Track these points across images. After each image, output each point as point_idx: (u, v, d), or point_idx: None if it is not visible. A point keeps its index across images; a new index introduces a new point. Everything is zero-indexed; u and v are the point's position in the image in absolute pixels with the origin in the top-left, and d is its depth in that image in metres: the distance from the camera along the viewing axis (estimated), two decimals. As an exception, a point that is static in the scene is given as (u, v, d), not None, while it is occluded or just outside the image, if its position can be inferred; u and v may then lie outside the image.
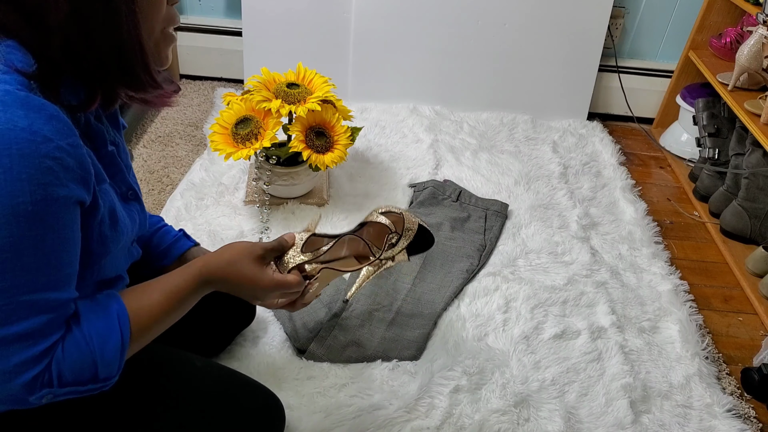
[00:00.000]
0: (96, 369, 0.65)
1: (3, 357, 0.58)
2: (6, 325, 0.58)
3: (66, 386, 0.63)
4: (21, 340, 0.59)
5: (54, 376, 0.62)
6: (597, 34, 2.11)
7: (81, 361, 0.64)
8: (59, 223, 0.61)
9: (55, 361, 0.62)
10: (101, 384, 0.66)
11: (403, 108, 2.15)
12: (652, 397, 1.24)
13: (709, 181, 1.86)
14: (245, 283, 0.80)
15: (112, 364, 0.66)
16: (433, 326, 1.34)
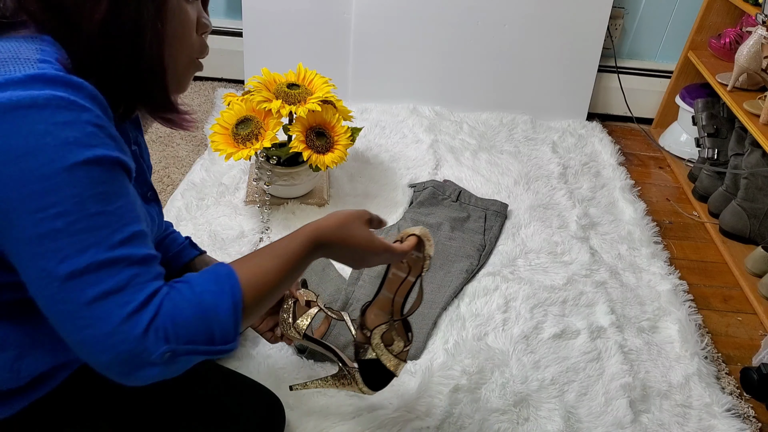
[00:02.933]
0: (212, 330, 0.62)
1: (106, 316, 0.56)
2: (94, 285, 0.56)
3: (183, 343, 0.59)
4: (115, 294, 0.57)
5: (169, 330, 0.58)
6: (596, 35, 2.11)
7: (194, 319, 0.61)
8: (116, 181, 0.60)
9: (166, 314, 0.59)
10: (219, 347, 0.62)
11: (403, 108, 2.15)
12: (652, 397, 1.24)
13: (708, 181, 1.86)
14: (358, 246, 0.78)
15: (228, 326, 0.62)
16: (433, 326, 1.34)
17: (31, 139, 0.54)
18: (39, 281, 0.56)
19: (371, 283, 1.41)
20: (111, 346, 0.57)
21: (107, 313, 0.56)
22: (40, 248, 0.55)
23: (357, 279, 1.42)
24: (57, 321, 0.57)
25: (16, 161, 0.54)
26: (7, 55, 0.58)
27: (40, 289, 0.57)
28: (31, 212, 0.55)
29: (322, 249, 0.76)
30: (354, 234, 0.78)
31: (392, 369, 0.94)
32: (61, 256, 0.55)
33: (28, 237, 0.55)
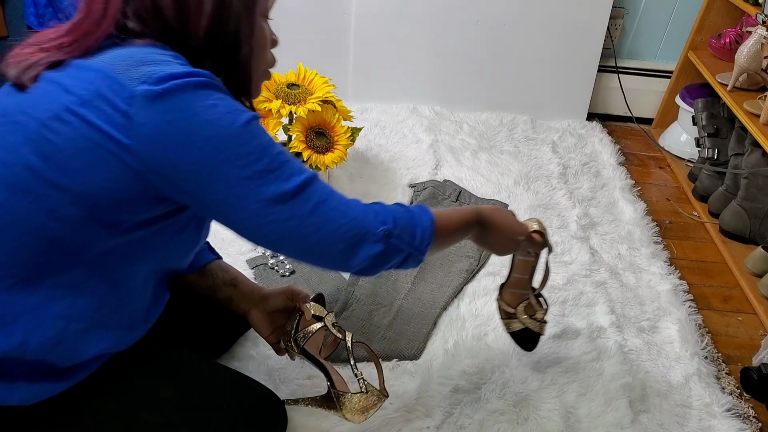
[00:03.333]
0: (415, 230, 0.79)
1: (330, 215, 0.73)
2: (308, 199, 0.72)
3: (397, 229, 0.77)
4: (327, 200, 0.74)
5: (386, 217, 0.77)
6: (596, 35, 2.11)
7: (404, 217, 0.79)
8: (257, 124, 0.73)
9: (380, 207, 0.78)
10: (417, 246, 0.80)
11: (403, 108, 2.15)
12: (651, 397, 1.24)
13: (708, 181, 1.86)
14: (510, 227, 0.98)
15: (427, 233, 0.81)
16: (433, 326, 1.34)
17: (208, 111, 0.68)
18: (256, 216, 0.70)
19: (371, 283, 1.41)
20: (340, 235, 0.73)
21: (330, 212, 0.73)
22: (249, 188, 0.69)
23: (357, 279, 1.43)
24: (283, 240, 0.72)
25: (204, 127, 0.67)
26: (151, 57, 0.69)
27: (257, 222, 0.71)
28: (232, 163, 0.68)
29: (483, 224, 0.93)
30: (508, 218, 0.98)
31: (538, 331, 1.18)
32: (272, 188, 0.70)
33: (235, 183, 0.69)
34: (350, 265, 0.76)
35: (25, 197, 0.68)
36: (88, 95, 0.67)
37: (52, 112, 0.67)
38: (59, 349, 0.73)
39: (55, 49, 0.71)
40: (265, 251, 1.49)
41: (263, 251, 1.49)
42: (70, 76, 0.69)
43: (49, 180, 0.67)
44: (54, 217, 0.68)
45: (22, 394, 0.73)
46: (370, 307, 1.36)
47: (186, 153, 0.67)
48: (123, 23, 0.72)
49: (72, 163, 0.67)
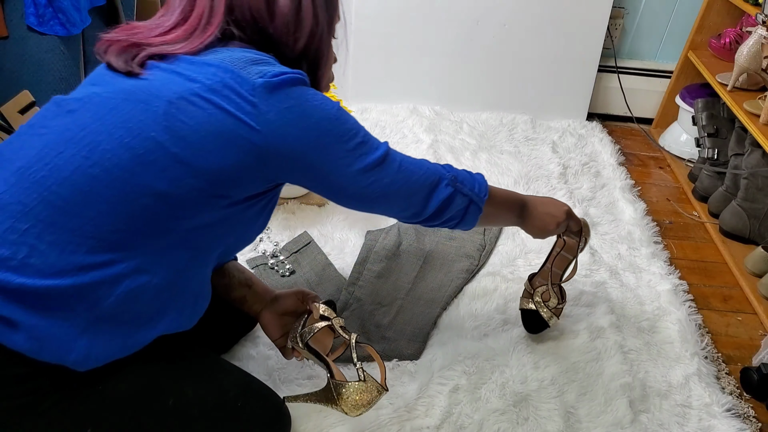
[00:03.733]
0: (474, 182, 0.98)
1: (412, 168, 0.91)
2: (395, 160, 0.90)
3: (459, 178, 0.96)
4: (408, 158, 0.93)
5: (452, 169, 0.96)
6: (596, 35, 2.11)
7: (465, 174, 0.98)
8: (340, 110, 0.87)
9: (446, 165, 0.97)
10: (476, 196, 0.97)
11: (403, 108, 2.16)
12: (651, 397, 1.24)
13: (708, 181, 1.86)
14: (552, 205, 1.15)
15: (483, 187, 0.99)
16: (433, 326, 1.34)
17: (317, 99, 0.82)
18: (359, 180, 0.85)
19: (371, 283, 1.41)
20: (421, 184, 0.92)
21: (410, 167, 0.91)
22: (352, 159, 0.84)
23: (357, 279, 1.43)
24: (382, 196, 0.88)
25: (314, 111, 0.81)
26: (260, 57, 0.81)
27: (361, 184, 0.86)
28: (338, 138, 0.83)
29: (527, 207, 1.10)
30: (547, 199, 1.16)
31: (546, 318, 1.27)
32: (369, 158, 0.85)
33: (342, 155, 0.83)
34: (427, 210, 0.93)
35: (151, 167, 0.75)
36: (215, 84, 0.76)
37: (179, 94, 0.75)
38: (132, 307, 0.79)
39: (160, 44, 0.81)
40: (265, 251, 1.49)
41: (263, 251, 1.49)
42: (186, 69, 0.78)
43: (178, 156, 0.75)
44: (176, 186, 0.76)
45: (79, 353, 0.76)
46: (371, 307, 1.36)
47: (304, 134, 0.80)
48: (225, 28, 0.83)
49: (204, 143, 0.76)
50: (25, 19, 1.39)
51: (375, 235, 1.56)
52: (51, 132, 0.77)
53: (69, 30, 1.44)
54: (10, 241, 0.73)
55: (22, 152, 0.77)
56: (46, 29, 1.41)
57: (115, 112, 0.76)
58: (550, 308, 1.27)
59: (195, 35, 0.81)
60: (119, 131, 0.75)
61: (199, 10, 0.82)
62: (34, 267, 0.73)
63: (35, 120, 0.82)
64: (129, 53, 0.80)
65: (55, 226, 0.74)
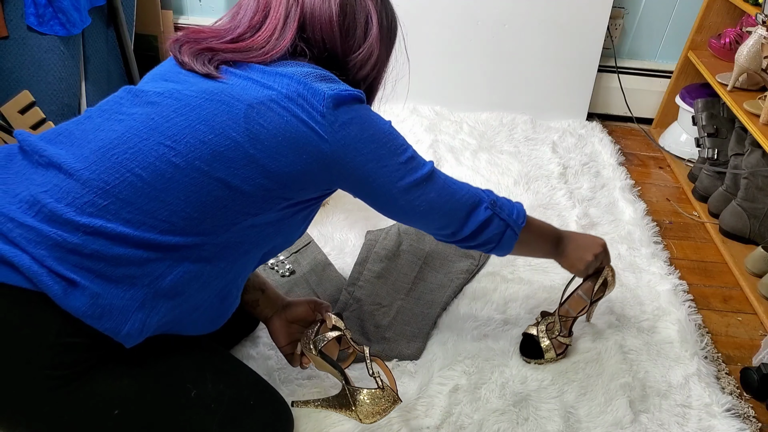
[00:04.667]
0: (513, 210, 1.03)
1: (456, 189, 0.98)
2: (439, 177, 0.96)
3: (499, 203, 1.01)
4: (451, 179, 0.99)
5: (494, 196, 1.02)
6: (596, 35, 2.11)
7: (505, 200, 1.03)
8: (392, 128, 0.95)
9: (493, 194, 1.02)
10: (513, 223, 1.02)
11: (403, 108, 2.15)
12: (651, 397, 1.24)
13: (708, 181, 1.86)
14: (587, 238, 1.19)
15: (521, 215, 1.03)
16: (433, 326, 1.34)
17: (374, 115, 0.89)
18: (408, 193, 0.91)
19: (371, 283, 1.41)
20: (463, 203, 0.97)
21: (453, 186, 0.97)
22: (404, 172, 0.90)
23: (357, 279, 1.43)
24: (427, 210, 0.94)
25: (372, 125, 0.88)
26: (327, 75, 0.87)
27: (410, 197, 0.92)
28: (393, 152, 0.89)
29: (563, 239, 1.16)
30: (585, 234, 1.21)
31: (542, 347, 1.27)
32: (418, 173, 0.91)
33: (396, 168, 0.89)
34: (464, 229, 0.98)
35: (228, 164, 0.80)
36: (290, 93, 0.82)
37: (258, 99, 0.81)
38: (185, 290, 0.83)
39: (232, 51, 0.87)
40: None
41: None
42: (261, 77, 0.84)
43: (254, 157, 0.81)
44: (248, 183, 0.82)
45: (133, 326, 0.79)
46: (371, 308, 1.36)
47: (363, 145, 0.86)
48: (297, 44, 0.89)
49: (279, 147, 0.81)
50: (25, 19, 1.39)
51: (375, 236, 1.56)
52: (132, 119, 0.82)
53: (69, 30, 1.44)
54: (88, 213, 0.77)
55: (100, 134, 0.82)
56: (46, 29, 1.42)
57: (199, 110, 0.81)
58: (551, 338, 1.27)
59: (268, 46, 0.87)
60: (202, 128, 0.80)
61: (273, 22, 0.88)
62: (108, 236, 0.77)
63: (109, 106, 0.86)
64: (204, 56, 0.86)
65: (133, 206, 0.78)
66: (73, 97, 1.61)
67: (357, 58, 0.93)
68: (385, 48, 0.97)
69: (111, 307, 0.78)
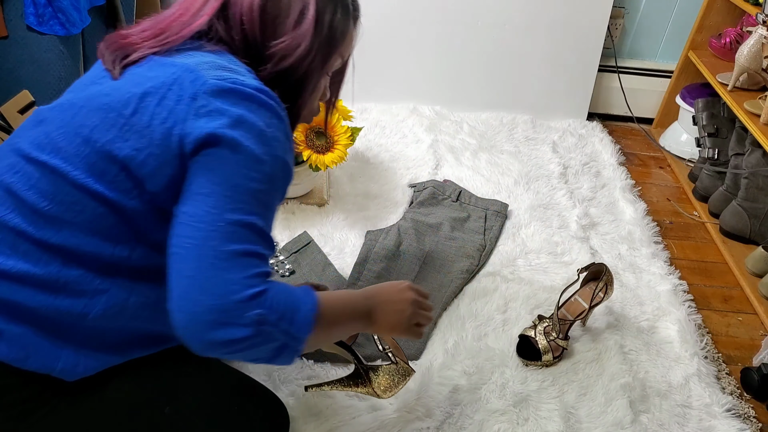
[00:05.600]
0: (293, 317, 0.73)
1: (242, 269, 0.70)
2: (248, 242, 0.72)
3: (273, 314, 0.71)
4: (254, 257, 0.72)
5: (268, 302, 0.71)
6: (597, 35, 2.11)
7: (284, 305, 0.73)
8: (284, 187, 0.79)
9: (271, 292, 0.72)
10: (292, 338, 0.73)
11: (403, 108, 2.15)
12: (651, 397, 1.24)
13: (708, 181, 1.86)
14: (393, 292, 0.94)
15: (306, 320, 0.75)
16: (433, 326, 1.34)
17: (261, 123, 0.73)
18: (207, 217, 0.70)
19: (371, 283, 1.41)
20: (222, 293, 0.68)
21: (239, 266, 0.70)
22: (232, 196, 0.71)
23: (357, 279, 1.42)
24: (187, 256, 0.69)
25: (249, 129, 0.72)
26: (231, 65, 0.77)
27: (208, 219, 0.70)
28: (243, 166, 0.72)
29: (371, 307, 0.90)
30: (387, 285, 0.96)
31: (540, 349, 1.25)
32: (247, 216, 0.72)
33: (231, 181, 0.71)
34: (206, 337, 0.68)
35: (102, 178, 0.73)
36: (167, 81, 0.74)
37: (134, 95, 0.74)
38: (118, 321, 0.77)
39: (151, 39, 0.79)
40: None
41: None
42: (152, 70, 0.76)
43: (123, 164, 0.73)
44: (126, 196, 0.74)
45: (67, 362, 0.75)
46: (370, 307, 1.35)
47: (219, 139, 0.71)
48: (213, 25, 0.80)
49: (141, 142, 0.72)
50: (24, 19, 1.39)
51: (375, 236, 1.56)
52: (22, 141, 0.77)
53: (69, 30, 1.44)
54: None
55: (1, 162, 0.77)
56: (46, 29, 1.41)
57: (76, 119, 0.75)
58: (548, 340, 1.26)
59: (180, 23, 0.80)
60: (77, 139, 0.74)
61: (197, 3, 0.81)
62: (10, 276, 0.72)
63: (16, 131, 0.81)
64: (120, 53, 0.79)
65: (24, 237, 0.73)
66: (73, 97, 1.60)
67: (278, 47, 0.81)
68: (318, 48, 0.83)
69: (36, 348, 0.73)
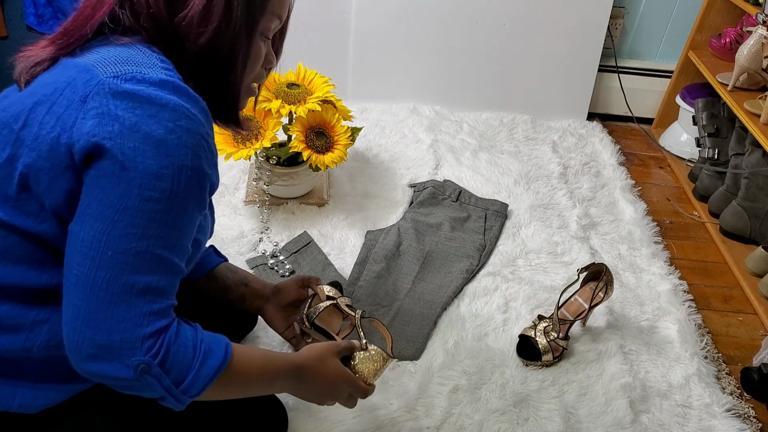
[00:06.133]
0: (186, 375, 0.67)
1: (132, 305, 0.63)
2: (140, 273, 0.64)
3: (156, 371, 0.65)
4: (148, 292, 0.64)
5: (162, 351, 0.65)
6: (597, 35, 2.11)
7: (183, 357, 0.67)
8: (200, 197, 0.69)
9: (168, 338, 0.66)
10: (177, 392, 0.67)
11: (403, 108, 2.15)
12: (652, 397, 1.24)
13: (708, 181, 1.86)
14: (330, 377, 0.87)
15: (198, 382, 0.68)
16: (433, 326, 1.34)
17: (161, 130, 0.64)
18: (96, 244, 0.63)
19: (371, 283, 1.41)
20: (108, 330, 0.63)
21: (134, 304, 0.64)
22: (123, 216, 0.63)
23: (357, 279, 1.42)
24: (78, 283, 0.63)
25: (145, 139, 0.63)
26: (136, 58, 0.68)
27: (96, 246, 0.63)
28: (137, 185, 0.63)
29: (299, 378, 0.83)
30: (329, 366, 0.87)
31: (540, 349, 1.25)
32: (132, 233, 0.63)
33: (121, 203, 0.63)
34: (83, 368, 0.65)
35: (6, 204, 0.68)
36: (60, 85, 0.66)
37: (28, 106, 0.67)
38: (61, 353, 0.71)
39: (60, 40, 0.72)
40: (265, 251, 1.49)
41: (263, 252, 1.49)
42: (55, 75, 0.69)
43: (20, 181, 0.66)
44: (37, 221, 0.68)
45: (24, 398, 0.72)
46: (370, 308, 1.35)
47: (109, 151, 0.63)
48: (117, 15, 0.71)
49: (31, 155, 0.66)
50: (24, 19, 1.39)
51: (375, 235, 1.56)
52: None
53: (68, 30, 1.44)
54: None
55: None
56: (46, 29, 1.42)
57: None
58: (548, 340, 1.26)
59: (82, 19, 0.71)
60: None
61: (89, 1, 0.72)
62: None
63: None
64: (29, 61, 0.72)
65: None
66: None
67: (186, 19, 0.70)
68: (244, 9, 0.72)
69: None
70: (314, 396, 0.88)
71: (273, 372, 0.80)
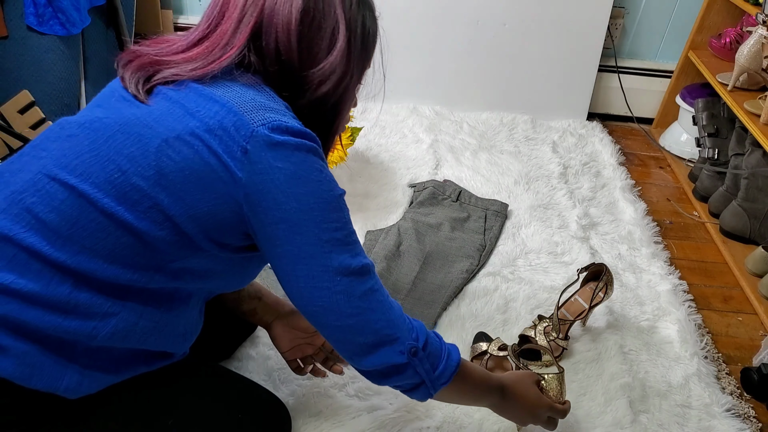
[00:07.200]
0: (439, 363, 0.81)
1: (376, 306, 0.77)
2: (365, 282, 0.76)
3: (425, 351, 0.79)
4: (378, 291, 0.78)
5: (420, 336, 0.80)
6: (597, 35, 2.11)
7: (435, 348, 0.81)
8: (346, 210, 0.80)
9: (419, 326, 0.81)
10: (435, 376, 0.81)
11: (403, 108, 2.15)
12: (651, 397, 1.24)
13: (708, 181, 1.86)
14: (532, 402, 0.97)
15: (450, 369, 0.82)
16: (434, 326, 1.34)
17: (315, 173, 0.74)
18: (315, 277, 0.74)
19: (371, 283, 1.41)
20: (372, 328, 0.76)
21: (375, 303, 0.77)
22: (322, 250, 0.74)
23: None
24: (326, 310, 0.75)
25: (307, 184, 0.73)
26: (270, 104, 0.74)
27: (314, 282, 0.74)
28: (318, 223, 0.74)
29: (503, 392, 0.94)
30: (529, 389, 0.98)
31: (539, 349, 1.23)
32: (340, 259, 0.74)
33: (313, 242, 0.73)
34: (363, 362, 0.78)
35: (134, 207, 0.72)
36: (213, 124, 0.71)
37: (176, 132, 0.71)
38: (125, 342, 0.77)
39: (179, 63, 0.76)
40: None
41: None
42: (192, 101, 0.73)
43: (156, 197, 0.71)
44: (158, 227, 0.73)
45: (71, 381, 0.74)
46: (370, 307, 1.35)
47: (284, 200, 0.72)
48: (244, 53, 0.76)
49: (185, 184, 0.71)
50: (24, 19, 1.39)
51: (375, 235, 1.56)
52: (49, 156, 0.74)
53: (68, 30, 1.44)
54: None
55: (19, 175, 0.75)
56: (46, 29, 1.41)
57: (111, 143, 0.73)
58: (548, 341, 1.26)
59: (212, 56, 0.75)
60: (111, 165, 0.72)
61: (224, 28, 0.76)
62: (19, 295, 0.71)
63: (38, 141, 0.78)
64: (145, 72, 0.76)
65: (38, 257, 0.71)
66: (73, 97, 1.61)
67: (316, 74, 0.78)
68: (354, 64, 0.81)
69: (41, 366, 0.72)
70: (515, 416, 0.98)
71: (488, 383, 0.92)
